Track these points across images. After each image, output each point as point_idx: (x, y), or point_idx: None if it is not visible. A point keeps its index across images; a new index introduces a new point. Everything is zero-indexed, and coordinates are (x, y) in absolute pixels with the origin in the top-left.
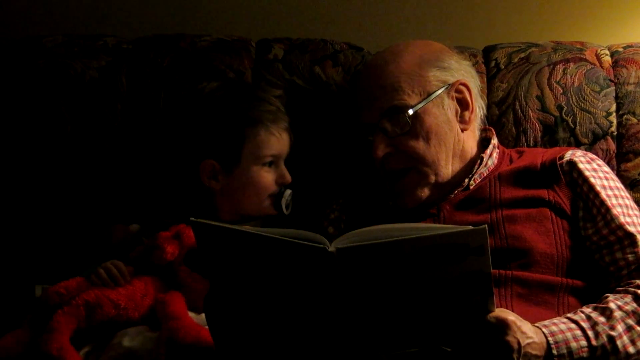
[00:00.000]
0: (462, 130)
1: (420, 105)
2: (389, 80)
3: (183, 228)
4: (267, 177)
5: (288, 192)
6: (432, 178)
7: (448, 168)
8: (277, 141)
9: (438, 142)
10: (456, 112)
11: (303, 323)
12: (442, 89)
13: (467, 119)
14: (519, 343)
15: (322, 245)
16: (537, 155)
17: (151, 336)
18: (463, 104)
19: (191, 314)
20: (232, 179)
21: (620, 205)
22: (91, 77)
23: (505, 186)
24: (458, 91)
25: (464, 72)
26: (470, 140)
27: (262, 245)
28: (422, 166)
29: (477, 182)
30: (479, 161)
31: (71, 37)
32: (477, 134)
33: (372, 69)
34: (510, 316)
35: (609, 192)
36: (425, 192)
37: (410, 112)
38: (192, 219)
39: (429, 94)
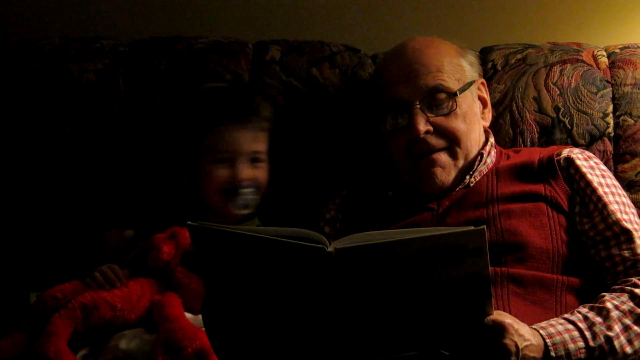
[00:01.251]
0: (482, 127)
1: (462, 90)
2: (432, 61)
3: (178, 229)
4: (219, 174)
5: (245, 191)
6: (461, 162)
7: (474, 155)
8: (232, 139)
9: (472, 128)
10: (480, 108)
11: (300, 324)
12: (473, 82)
13: (486, 116)
14: (516, 346)
15: (320, 246)
16: (535, 153)
17: (148, 338)
18: (482, 102)
19: (188, 316)
20: (192, 176)
21: (617, 202)
22: (88, 80)
23: (503, 182)
24: (479, 89)
25: (479, 73)
26: (483, 137)
27: (259, 246)
28: (457, 147)
29: (477, 179)
30: (479, 158)
31: (67, 39)
32: (484, 134)
33: (410, 50)
34: (508, 319)
35: (606, 189)
36: (452, 176)
37: (458, 93)
38: (188, 222)
39: (465, 83)
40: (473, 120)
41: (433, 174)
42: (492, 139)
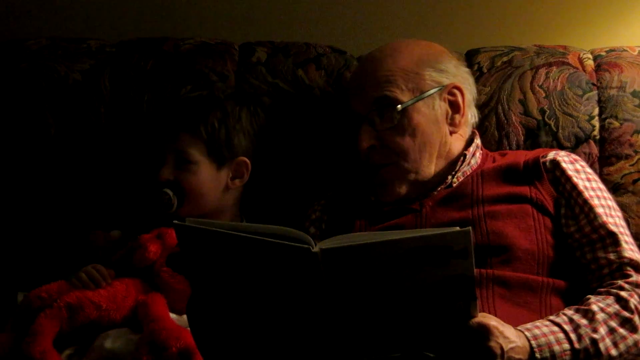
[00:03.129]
0: (451, 133)
1: (410, 102)
2: (384, 72)
3: (164, 230)
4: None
5: (164, 190)
6: (412, 176)
7: (430, 168)
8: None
9: (423, 141)
10: (446, 114)
11: (285, 324)
12: (435, 90)
13: (457, 122)
14: (501, 348)
15: (306, 246)
16: (520, 155)
17: (133, 338)
18: (454, 107)
19: (173, 316)
20: None
21: (602, 206)
22: (75, 80)
23: (488, 183)
24: (451, 94)
25: (460, 78)
26: (457, 143)
27: (245, 245)
28: (404, 162)
29: (460, 179)
30: (462, 158)
31: (55, 40)
32: (465, 138)
33: (369, 61)
34: (492, 321)
35: (592, 193)
36: (404, 189)
37: (399, 107)
38: (175, 221)
39: (422, 92)
40: (428, 131)
41: (383, 187)
42: (477, 140)
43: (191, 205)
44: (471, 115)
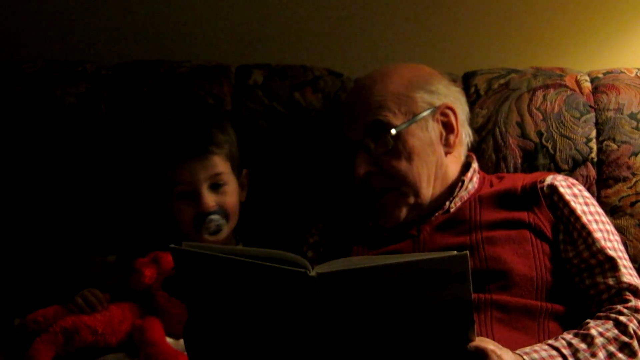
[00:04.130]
0: (446, 154)
1: (404, 126)
2: (375, 98)
3: (160, 253)
4: (184, 209)
5: (210, 218)
6: (412, 199)
7: (429, 190)
8: (190, 170)
9: (420, 163)
10: (440, 135)
11: (283, 349)
12: (428, 111)
13: (451, 142)
14: None
15: (302, 270)
16: (518, 179)
17: None
18: (448, 128)
19: (169, 340)
20: (164, 210)
21: (600, 230)
22: (70, 104)
23: (486, 208)
24: (444, 114)
25: (452, 98)
26: (453, 165)
27: (242, 269)
28: (403, 186)
29: (458, 205)
30: (460, 184)
31: (50, 63)
32: (461, 159)
33: (359, 87)
34: (490, 345)
35: (590, 217)
36: (404, 213)
37: (394, 131)
38: (171, 245)
39: (414, 115)
40: (424, 153)
41: (383, 212)
42: (475, 165)
43: (230, 226)
44: (465, 135)
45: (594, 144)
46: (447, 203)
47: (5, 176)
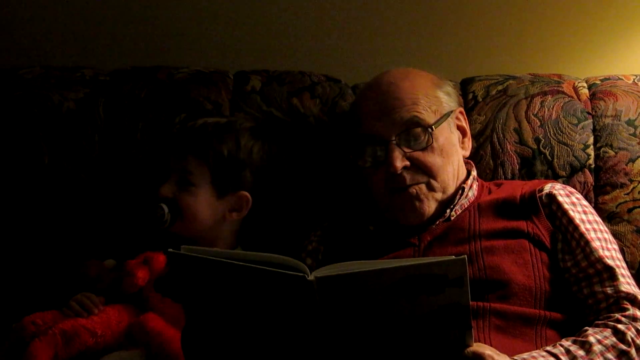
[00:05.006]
0: (462, 157)
1: (439, 123)
2: (407, 94)
3: (150, 254)
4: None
5: (159, 205)
6: (440, 195)
7: (453, 188)
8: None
9: (448, 161)
10: (458, 138)
11: (281, 353)
12: (451, 112)
13: (466, 145)
14: None
15: (301, 274)
16: (516, 188)
17: (134, 353)
18: (461, 131)
19: None
20: None
21: (599, 239)
22: (68, 109)
23: (485, 217)
24: (457, 118)
25: (457, 102)
26: (463, 167)
27: (240, 274)
28: (434, 182)
29: (458, 212)
30: (460, 191)
31: (48, 68)
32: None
33: (385, 84)
34: (488, 350)
35: (588, 226)
36: (432, 207)
37: (434, 126)
38: (169, 250)
39: (442, 115)
40: (450, 152)
41: (412, 207)
42: (474, 172)
43: (183, 226)
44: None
45: (591, 151)
46: (448, 211)
47: (4, 181)
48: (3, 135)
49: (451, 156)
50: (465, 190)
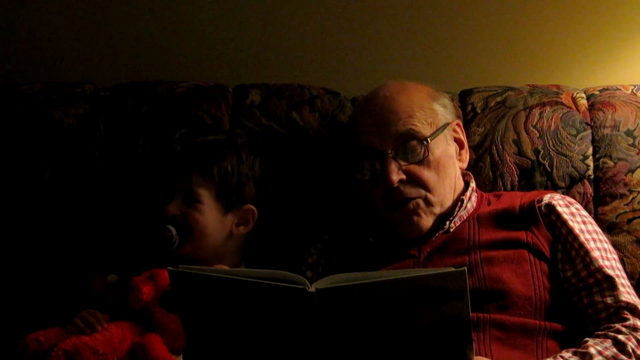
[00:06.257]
0: (460, 169)
1: (435, 136)
2: (403, 108)
3: (156, 271)
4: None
5: (166, 226)
6: (437, 209)
7: (450, 201)
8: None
9: (445, 174)
10: (455, 150)
11: None
12: (447, 125)
13: (463, 157)
14: None
15: (301, 287)
16: (516, 198)
17: None
18: (458, 143)
19: None
20: None
21: (598, 249)
22: (69, 125)
23: (484, 228)
24: (454, 130)
25: (454, 115)
26: (460, 180)
27: (241, 289)
28: (432, 196)
29: (457, 224)
30: (459, 203)
31: (49, 84)
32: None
33: (381, 98)
34: None
35: (587, 236)
36: (429, 222)
37: (429, 139)
38: (169, 268)
39: (438, 127)
40: (447, 165)
41: (410, 221)
42: (473, 184)
43: (192, 245)
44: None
45: (590, 161)
46: (447, 223)
47: (6, 197)
48: (4, 151)
49: (448, 169)
50: (464, 202)
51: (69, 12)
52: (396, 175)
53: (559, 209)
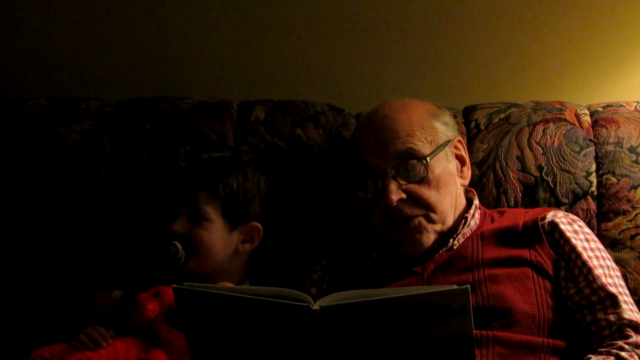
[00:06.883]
0: (462, 186)
1: (435, 154)
2: (402, 127)
3: (162, 288)
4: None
5: (172, 242)
6: (439, 227)
7: (452, 219)
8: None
9: (446, 192)
10: (457, 167)
11: None
12: (447, 143)
13: (465, 174)
14: None
15: (305, 304)
16: (519, 216)
17: None
18: (460, 160)
19: None
20: None
21: (601, 267)
22: (74, 141)
23: (487, 246)
24: (456, 147)
25: (456, 131)
26: (462, 197)
27: (245, 307)
28: (433, 214)
29: (461, 242)
30: (463, 221)
31: (54, 100)
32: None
33: (381, 117)
34: None
35: (590, 254)
36: (431, 239)
37: (429, 158)
38: (174, 285)
39: (438, 145)
40: (448, 182)
41: (412, 239)
42: (476, 201)
43: (198, 261)
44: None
45: (594, 178)
46: (451, 240)
47: (10, 213)
48: (9, 168)
49: (449, 186)
50: (468, 219)
51: (74, 27)
52: (396, 195)
53: (562, 226)
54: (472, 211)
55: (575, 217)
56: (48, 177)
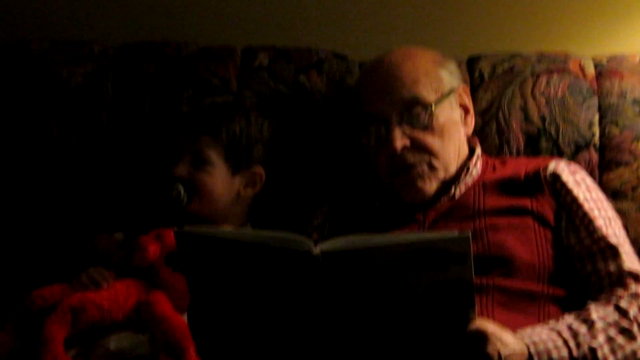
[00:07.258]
0: (465, 135)
1: (440, 101)
2: (408, 74)
3: (163, 230)
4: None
5: (175, 185)
6: (442, 174)
7: (454, 167)
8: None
9: (449, 140)
10: (461, 116)
11: (286, 329)
12: (452, 91)
13: (469, 123)
14: (499, 354)
15: (306, 250)
16: (521, 165)
17: (139, 338)
18: (464, 109)
19: None
20: None
21: (603, 217)
22: (77, 84)
23: (489, 195)
24: (460, 96)
25: (461, 80)
26: (465, 146)
27: (246, 251)
28: (436, 162)
29: (462, 190)
30: (465, 169)
31: (57, 43)
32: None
33: (386, 64)
34: (490, 327)
35: (592, 204)
36: (433, 187)
37: (433, 106)
38: (174, 229)
39: (443, 93)
40: (452, 130)
41: (414, 186)
42: (478, 150)
43: (200, 205)
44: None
45: (596, 129)
46: (453, 188)
47: (12, 156)
48: (11, 109)
49: (453, 134)
50: (470, 168)
51: None
52: (400, 142)
53: (564, 177)
54: (474, 160)
55: (577, 167)
56: (50, 119)
